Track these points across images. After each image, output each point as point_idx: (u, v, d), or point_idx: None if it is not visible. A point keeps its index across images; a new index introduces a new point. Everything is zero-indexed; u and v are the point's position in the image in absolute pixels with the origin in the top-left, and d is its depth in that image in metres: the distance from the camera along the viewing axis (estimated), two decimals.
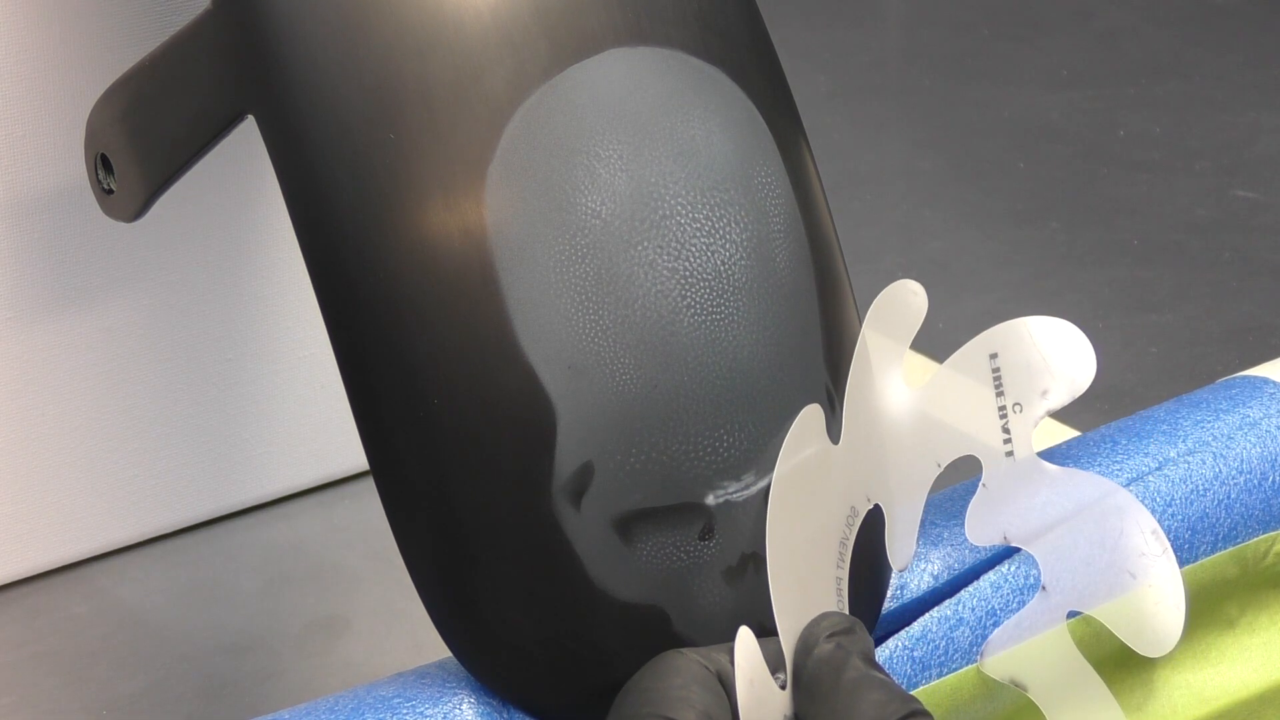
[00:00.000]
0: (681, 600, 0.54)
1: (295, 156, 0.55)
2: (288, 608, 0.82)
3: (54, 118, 0.77)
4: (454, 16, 0.55)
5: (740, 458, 0.55)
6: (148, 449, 0.84)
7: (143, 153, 0.64)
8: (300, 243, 0.56)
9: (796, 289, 0.56)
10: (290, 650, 0.79)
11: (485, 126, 0.54)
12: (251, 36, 0.56)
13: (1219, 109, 1.27)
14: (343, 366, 0.55)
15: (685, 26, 0.57)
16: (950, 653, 0.57)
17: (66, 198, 0.79)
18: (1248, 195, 1.16)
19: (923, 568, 0.59)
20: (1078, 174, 1.20)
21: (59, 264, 0.79)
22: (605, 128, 0.55)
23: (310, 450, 0.87)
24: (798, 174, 0.58)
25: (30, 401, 0.81)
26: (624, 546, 0.54)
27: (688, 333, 0.54)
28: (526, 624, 0.54)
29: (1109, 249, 1.10)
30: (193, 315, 0.83)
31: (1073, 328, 0.55)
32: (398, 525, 0.55)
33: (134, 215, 0.66)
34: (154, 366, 0.83)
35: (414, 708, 0.54)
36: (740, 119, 0.57)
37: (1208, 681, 0.62)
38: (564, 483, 0.53)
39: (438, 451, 0.54)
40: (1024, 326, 0.55)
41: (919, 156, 1.23)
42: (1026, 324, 0.56)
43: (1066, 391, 0.55)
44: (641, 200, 0.55)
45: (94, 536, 0.84)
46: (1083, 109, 1.28)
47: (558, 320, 0.54)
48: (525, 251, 0.54)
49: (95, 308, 0.81)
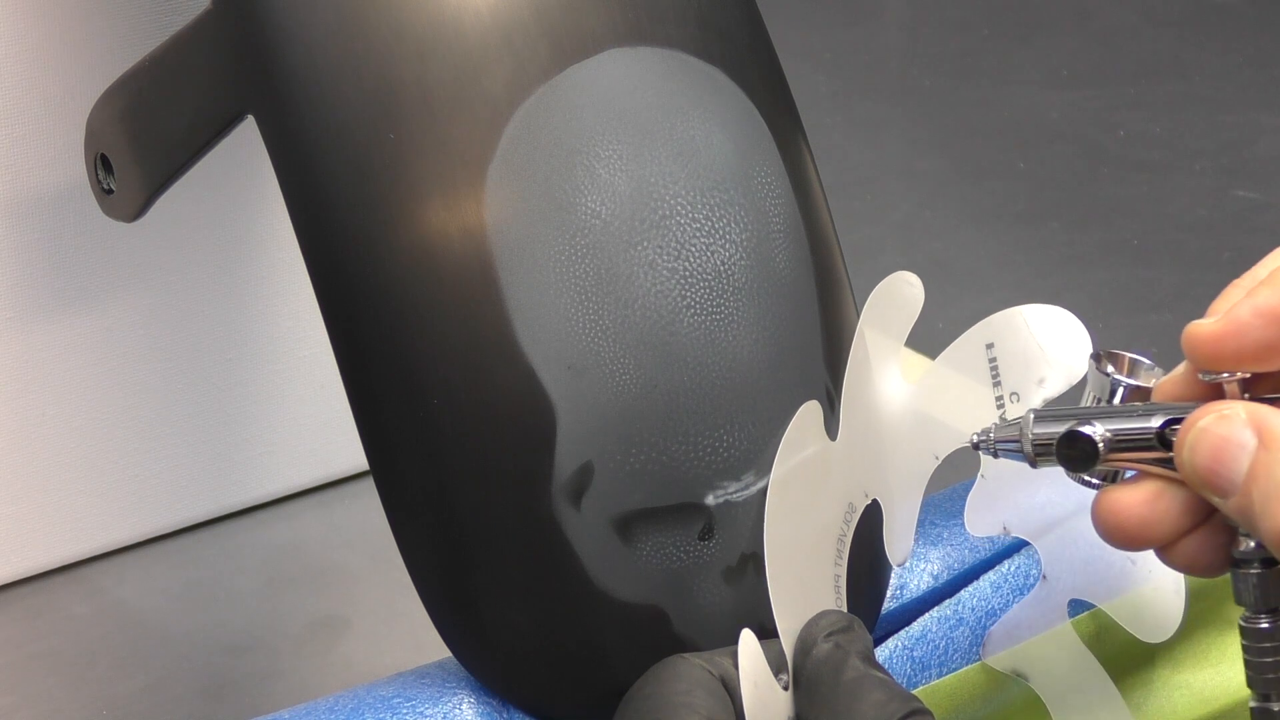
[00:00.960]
0: (681, 600, 0.54)
1: (295, 156, 0.55)
2: (288, 608, 0.82)
3: (54, 118, 0.77)
4: (454, 17, 0.55)
5: (740, 457, 0.55)
6: (148, 449, 0.84)
7: (143, 153, 0.64)
8: (300, 243, 0.56)
9: (796, 289, 0.56)
10: (290, 650, 0.79)
11: (485, 127, 0.54)
12: (251, 37, 0.56)
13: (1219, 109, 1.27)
14: (343, 366, 0.55)
15: (685, 26, 0.57)
16: (950, 653, 0.57)
17: (66, 198, 0.78)
18: (1248, 195, 1.16)
19: (923, 567, 0.59)
20: (1078, 174, 1.20)
21: (59, 264, 0.79)
22: (605, 128, 0.55)
23: (310, 450, 0.87)
24: (798, 174, 0.58)
25: (30, 401, 0.81)
26: (624, 546, 0.54)
27: (687, 333, 0.54)
28: (526, 624, 0.54)
29: (1109, 249, 1.10)
30: (193, 315, 0.83)
31: (1068, 315, 0.55)
32: (398, 525, 0.55)
33: (134, 215, 0.66)
34: (154, 366, 0.83)
35: (414, 708, 0.54)
36: (740, 119, 0.57)
37: (1208, 681, 0.62)
38: (564, 483, 0.53)
39: (438, 451, 0.54)
40: (1019, 316, 0.55)
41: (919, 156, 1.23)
42: (1021, 313, 0.56)
43: (1063, 379, 0.55)
44: (641, 200, 0.55)
45: (94, 536, 0.84)
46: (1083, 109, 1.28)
47: (557, 320, 0.54)
48: (525, 251, 0.54)
49: (95, 308, 0.81)
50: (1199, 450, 0.47)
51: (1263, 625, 0.49)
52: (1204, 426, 0.47)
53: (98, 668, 0.79)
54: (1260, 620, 0.49)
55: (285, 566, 0.84)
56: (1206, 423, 0.47)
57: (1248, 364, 0.48)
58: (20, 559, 0.83)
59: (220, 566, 0.84)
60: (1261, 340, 0.48)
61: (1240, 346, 0.48)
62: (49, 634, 0.81)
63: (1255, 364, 0.48)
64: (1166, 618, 0.57)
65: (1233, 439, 0.47)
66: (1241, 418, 0.47)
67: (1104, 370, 0.51)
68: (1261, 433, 0.46)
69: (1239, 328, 0.48)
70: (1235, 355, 0.48)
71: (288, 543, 0.86)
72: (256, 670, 0.78)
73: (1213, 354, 0.48)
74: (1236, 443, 0.47)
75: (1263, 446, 0.46)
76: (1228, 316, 0.48)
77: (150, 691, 0.77)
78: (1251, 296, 0.48)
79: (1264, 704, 0.49)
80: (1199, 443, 0.47)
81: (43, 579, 0.83)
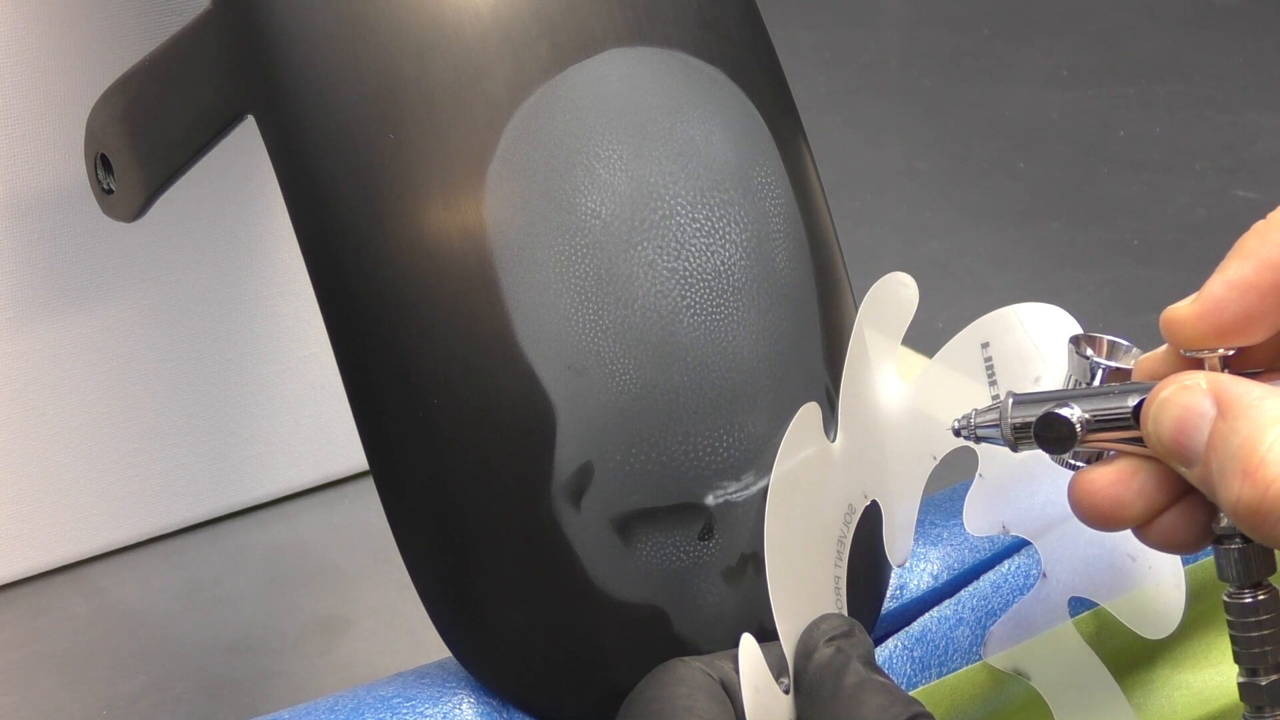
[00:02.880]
0: (681, 600, 0.54)
1: (295, 157, 0.55)
2: (288, 608, 0.82)
3: (54, 118, 0.77)
4: (454, 17, 0.55)
5: (740, 458, 0.55)
6: (148, 449, 0.84)
7: (143, 153, 0.64)
8: (300, 243, 0.56)
9: (796, 289, 0.56)
10: (290, 650, 0.79)
11: (485, 127, 0.54)
12: (251, 37, 0.56)
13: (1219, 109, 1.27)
14: (342, 367, 0.55)
15: (685, 26, 0.57)
16: (950, 653, 0.57)
17: (66, 198, 0.79)
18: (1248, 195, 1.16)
19: (923, 567, 0.59)
20: (1078, 174, 1.20)
21: (59, 264, 0.79)
22: (605, 128, 0.55)
23: (310, 450, 0.87)
24: (797, 174, 0.58)
25: (30, 401, 0.81)
26: (624, 547, 0.54)
27: (687, 333, 0.54)
28: (526, 624, 0.54)
29: (1109, 249, 1.10)
30: (193, 315, 0.83)
31: (1062, 312, 0.55)
32: (398, 525, 0.55)
33: (134, 215, 0.66)
34: (154, 366, 0.83)
35: (414, 708, 0.54)
36: (740, 119, 0.57)
37: (1208, 681, 0.62)
38: (564, 483, 0.53)
39: (437, 452, 0.54)
40: (1013, 314, 0.56)
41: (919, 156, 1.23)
42: (1016, 311, 0.56)
43: (1059, 377, 0.55)
44: (641, 200, 0.55)
45: (94, 536, 0.84)
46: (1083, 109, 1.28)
47: (557, 320, 0.54)
48: (525, 252, 0.54)
49: (95, 308, 0.81)
50: (1162, 421, 0.47)
51: (1246, 600, 0.49)
52: (1166, 397, 0.47)
53: (98, 668, 0.79)
54: (1244, 595, 0.49)
55: (285, 566, 0.84)
56: (1168, 393, 0.47)
57: (1230, 339, 0.48)
58: (20, 559, 0.83)
59: (220, 566, 0.84)
60: (1239, 313, 0.48)
61: (1220, 322, 0.48)
62: (49, 634, 0.81)
63: (1236, 338, 0.48)
64: (1168, 614, 0.57)
65: (1194, 408, 0.47)
66: (1202, 387, 0.47)
67: (1083, 353, 0.51)
68: (1220, 402, 0.46)
69: (1215, 304, 0.48)
70: (1216, 332, 0.48)
71: (288, 543, 0.86)
72: (256, 670, 0.78)
73: (1193, 334, 0.48)
74: (1197, 412, 0.47)
75: (1220, 416, 0.46)
76: (1202, 295, 0.48)
77: (150, 691, 0.77)
78: (1221, 272, 0.48)
79: (1251, 678, 0.49)
80: (1161, 413, 0.47)
81: (43, 579, 0.83)
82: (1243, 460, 0.45)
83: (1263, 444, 0.45)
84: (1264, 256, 0.48)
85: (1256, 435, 0.45)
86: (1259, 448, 0.45)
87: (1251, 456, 0.45)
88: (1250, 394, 0.46)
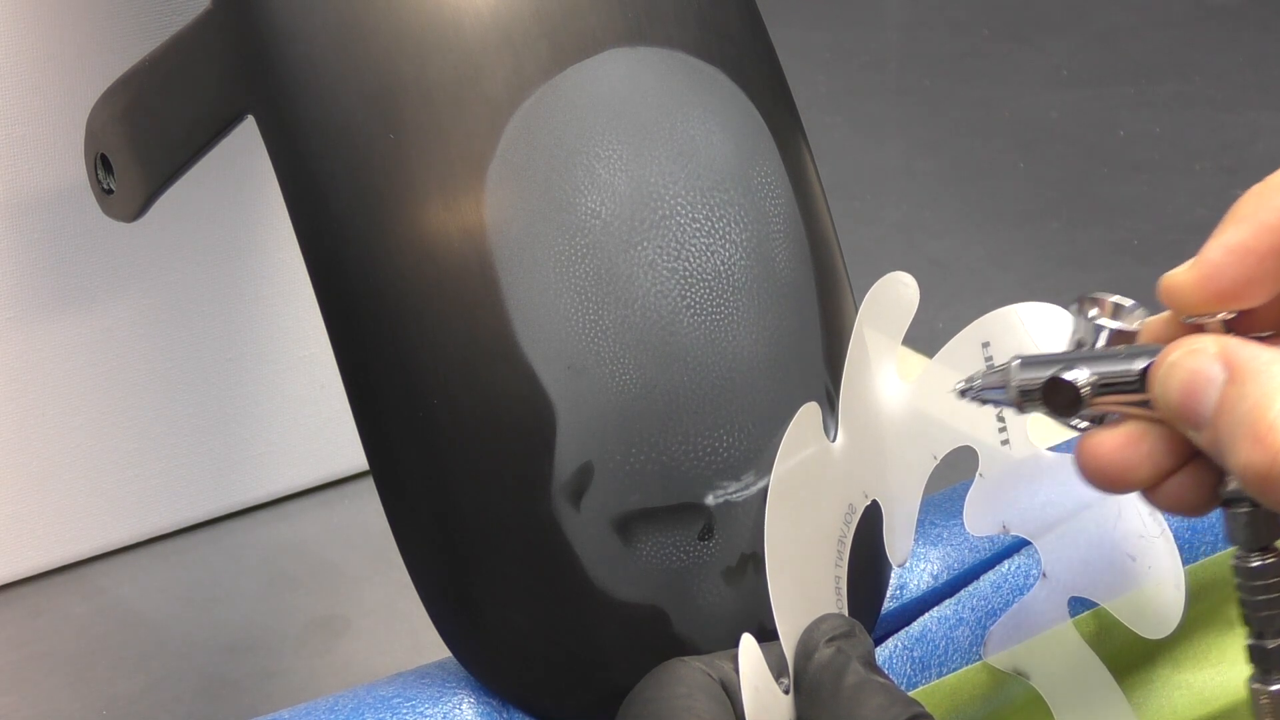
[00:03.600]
0: (681, 600, 0.54)
1: (295, 157, 0.55)
2: (288, 608, 0.82)
3: (54, 118, 0.77)
4: (454, 17, 0.55)
5: (740, 458, 0.55)
6: (148, 449, 0.84)
7: (143, 153, 0.64)
8: (300, 243, 0.56)
9: (796, 289, 0.56)
10: (290, 650, 0.79)
11: (485, 126, 0.54)
12: (251, 37, 0.56)
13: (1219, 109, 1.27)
14: (342, 367, 0.55)
15: (685, 26, 0.57)
16: (950, 653, 0.57)
17: (66, 198, 0.79)
18: None
19: (923, 568, 0.59)
20: (1078, 174, 1.20)
21: (59, 264, 0.79)
22: (605, 128, 0.55)
23: (310, 450, 0.87)
24: (797, 174, 0.58)
25: (30, 401, 0.81)
26: (624, 547, 0.54)
27: (687, 333, 0.54)
28: (526, 624, 0.54)
29: (1109, 249, 1.10)
30: (193, 315, 0.83)
31: (1062, 312, 0.55)
32: (398, 526, 0.55)
33: (134, 215, 0.66)
34: (154, 366, 0.83)
35: (414, 708, 0.54)
36: (740, 119, 0.57)
37: (1208, 681, 0.62)
38: (564, 483, 0.53)
39: (437, 452, 0.54)
40: (1014, 314, 0.56)
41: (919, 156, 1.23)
42: (1016, 311, 0.56)
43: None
44: (641, 200, 0.55)
45: (94, 536, 0.84)
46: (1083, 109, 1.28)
47: (557, 320, 0.54)
48: (525, 251, 0.54)
49: (95, 308, 0.81)
50: (1170, 384, 0.47)
51: (1254, 564, 0.49)
52: (1174, 361, 0.47)
53: (98, 668, 0.79)
54: (1252, 559, 0.49)
55: (285, 566, 0.84)
56: (1176, 357, 0.47)
57: (1229, 303, 0.48)
58: (20, 559, 0.83)
59: (220, 566, 0.84)
60: (1237, 276, 0.48)
61: (1219, 287, 0.48)
62: (49, 634, 0.81)
63: (1235, 302, 0.48)
64: (1168, 614, 0.57)
65: (1202, 372, 0.47)
66: (1211, 351, 0.47)
67: (1087, 314, 0.51)
68: (1230, 365, 0.46)
69: (1214, 269, 0.48)
70: (1216, 296, 0.48)
71: (288, 543, 0.86)
72: (256, 670, 0.78)
73: (1192, 300, 0.48)
74: (1206, 376, 0.47)
75: (1230, 380, 0.46)
76: (1199, 260, 0.48)
77: (150, 691, 0.77)
78: (1218, 236, 0.48)
79: (1259, 641, 0.49)
80: (1169, 377, 0.47)
81: (43, 579, 0.83)
82: (1252, 425, 0.45)
83: (1272, 409, 0.45)
84: (1261, 220, 0.48)
85: (1266, 400, 0.45)
86: (1268, 412, 0.45)
87: (1261, 421, 0.45)
88: (1260, 358, 0.46)
